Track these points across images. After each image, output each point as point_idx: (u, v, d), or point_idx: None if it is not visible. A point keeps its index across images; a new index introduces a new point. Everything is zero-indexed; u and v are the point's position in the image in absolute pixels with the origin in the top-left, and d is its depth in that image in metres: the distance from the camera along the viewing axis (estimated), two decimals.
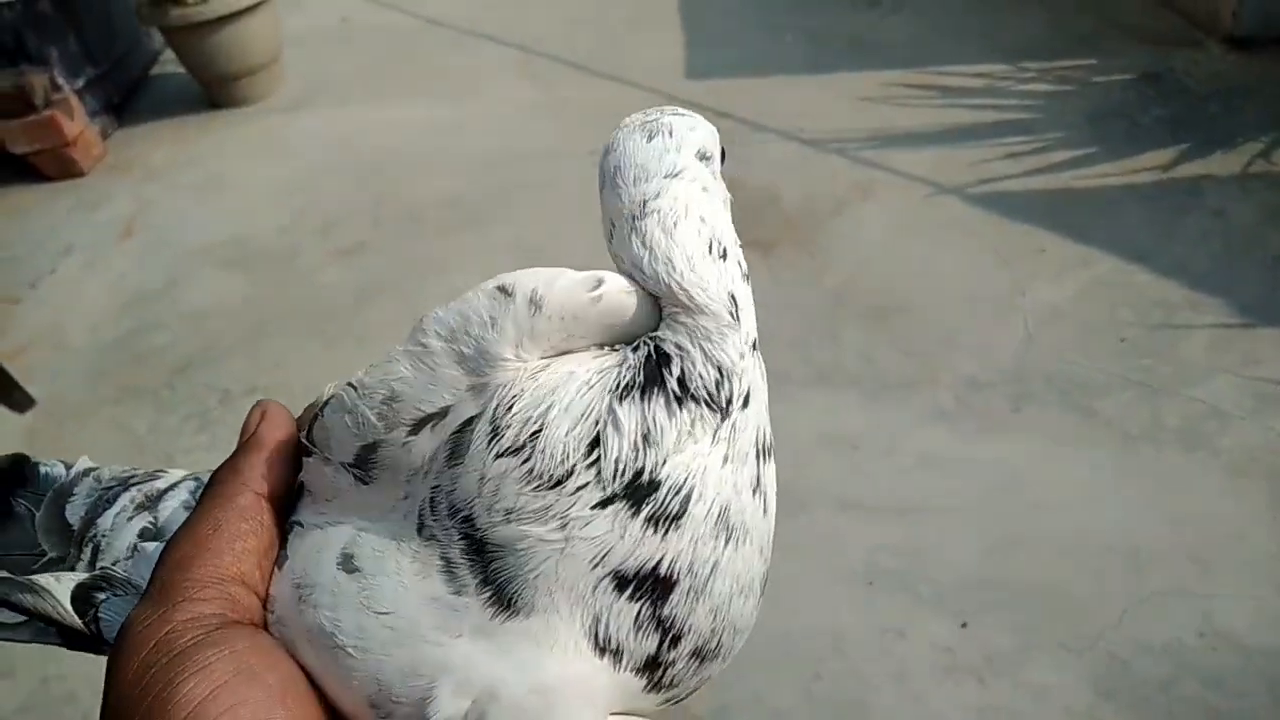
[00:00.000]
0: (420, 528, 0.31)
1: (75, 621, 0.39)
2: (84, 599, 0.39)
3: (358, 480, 0.32)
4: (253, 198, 2.81)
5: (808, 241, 2.30)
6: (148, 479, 0.45)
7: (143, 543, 0.41)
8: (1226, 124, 2.49)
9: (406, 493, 0.31)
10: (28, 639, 0.40)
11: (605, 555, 0.29)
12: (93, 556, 0.42)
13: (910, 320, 2.03)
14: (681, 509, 0.30)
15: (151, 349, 2.24)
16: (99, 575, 0.40)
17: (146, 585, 0.33)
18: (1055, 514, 1.58)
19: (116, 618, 0.38)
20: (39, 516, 0.44)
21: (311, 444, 0.34)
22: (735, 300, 0.32)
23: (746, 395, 0.32)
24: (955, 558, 1.53)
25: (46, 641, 0.40)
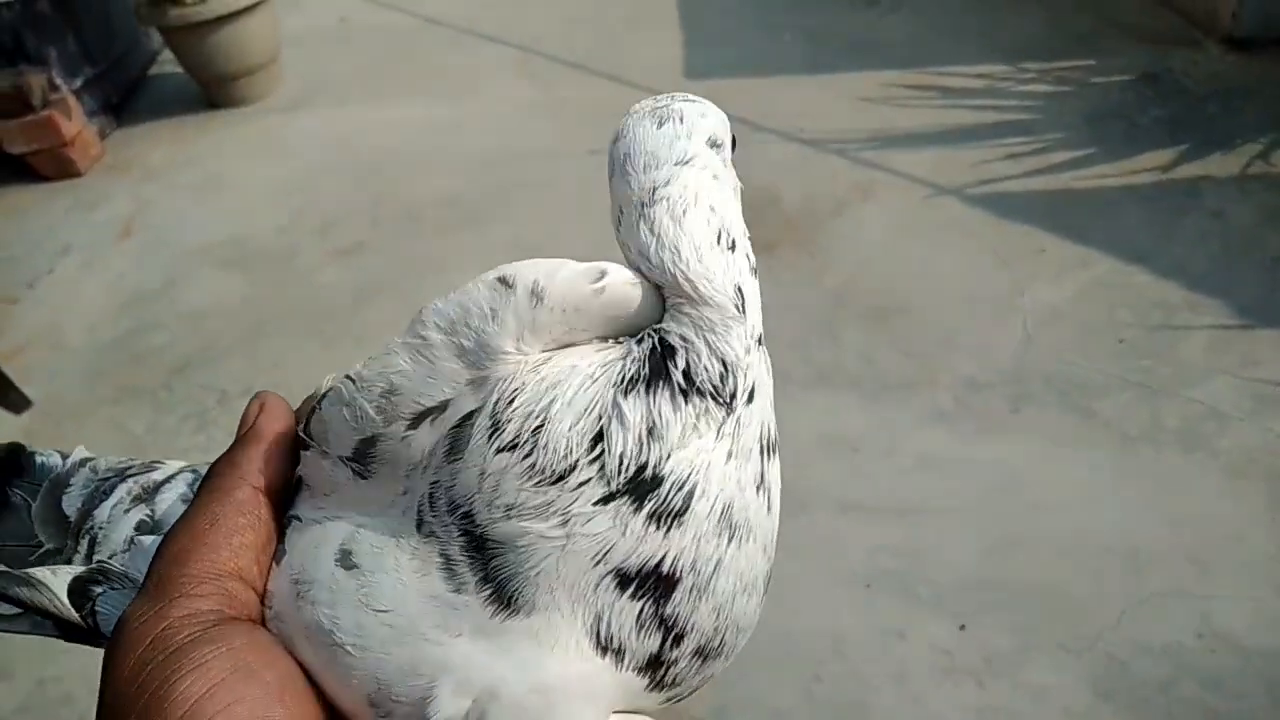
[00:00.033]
0: (419, 524, 0.30)
1: (72, 615, 0.38)
2: (80, 592, 0.39)
3: (356, 475, 0.32)
4: (251, 198, 2.81)
5: (807, 242, 2.30)
6: (144, 470, 0.44)
7: (139, 536, 0.41)
8: (1225, 125, 2.49)
9: (405, 488, 0.31)
10: (25, 630, 0.40)
11: (607, 552, 0.29)
12: (89, 549, 0.41)
13: (910, 321, 2.03)
14: (684, 505, 0.29)
15: (149, 349, 2.24)
16: (95, 568, 0.40)
17: (143, 580, 0.32)
18: (1054, 515, 1.58)
19: (113, 611, 0.38)
20: (35, 507, 0.43)
21: (309, 437, 0.33)
22: (742, 293, 0.31)
23: (751, 390, 0.31)
24: (954, 559, 1.53)
25: (44, 634, 0.40)
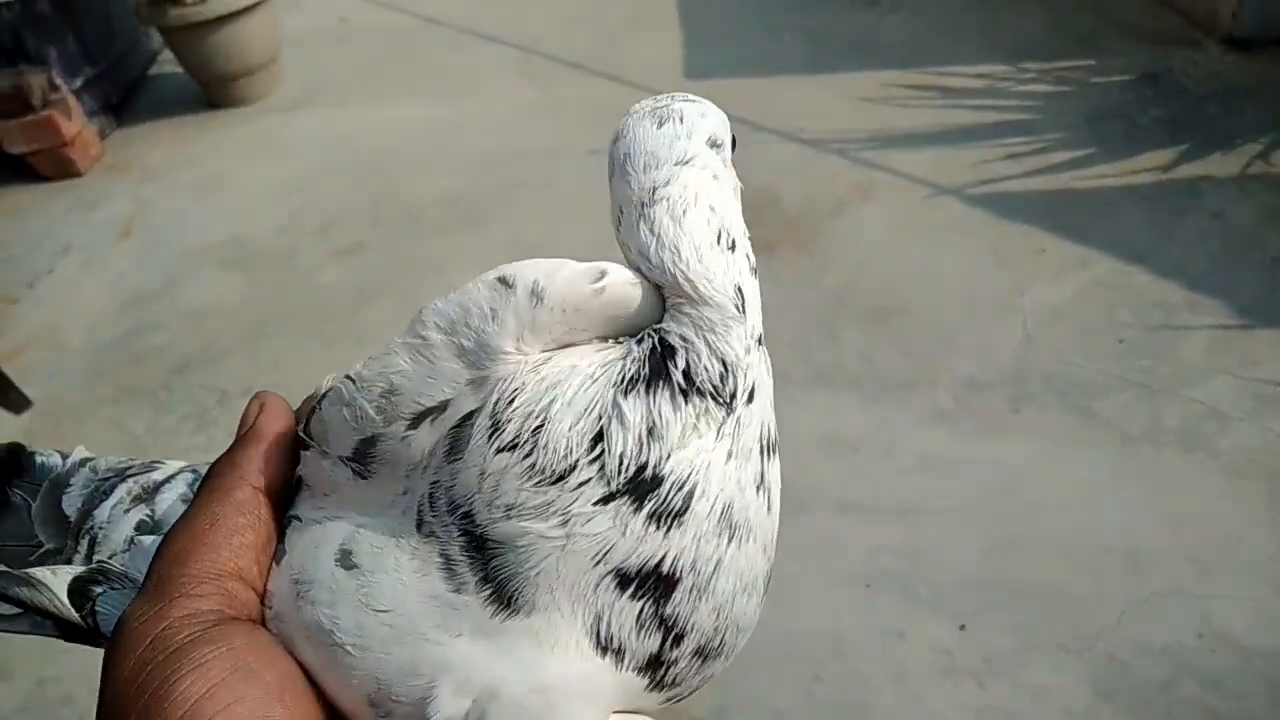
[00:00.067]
0: (419, 524, 0.30)
1: (72, 615, 0.38)
2: (81, 592, 0.39)
3: (356, 475, 0.32)
4: (251, 198, 2.81)
5: (807, 242, 2.30)
6: (144, 470, 0.44)
7: (139, 536, 0.41)
8: (1225, 125, 2.49)
9: (405, 488, 0.31)
10: (25, 630, 0.40)
11: (607, 552, 0.29)
12: (89, 549, 0.41)
13: (910, 321, 2.03)
14: (684, 505, 0.29)
15: (149, 349, 2.24)
16: (95, 568, 0.40)
17: (143, 580, 0.32)
18: (1054, 515, 1.58)
19: (113, 611, 0.38)
20: (35, 507, 0.43)
21: (309, 437, 0.33)
22: (741, 293, 0.31)
23: (751, 390, 0.31)
24: (955, 559, 1.53)
25: (44, 633, 0.40)
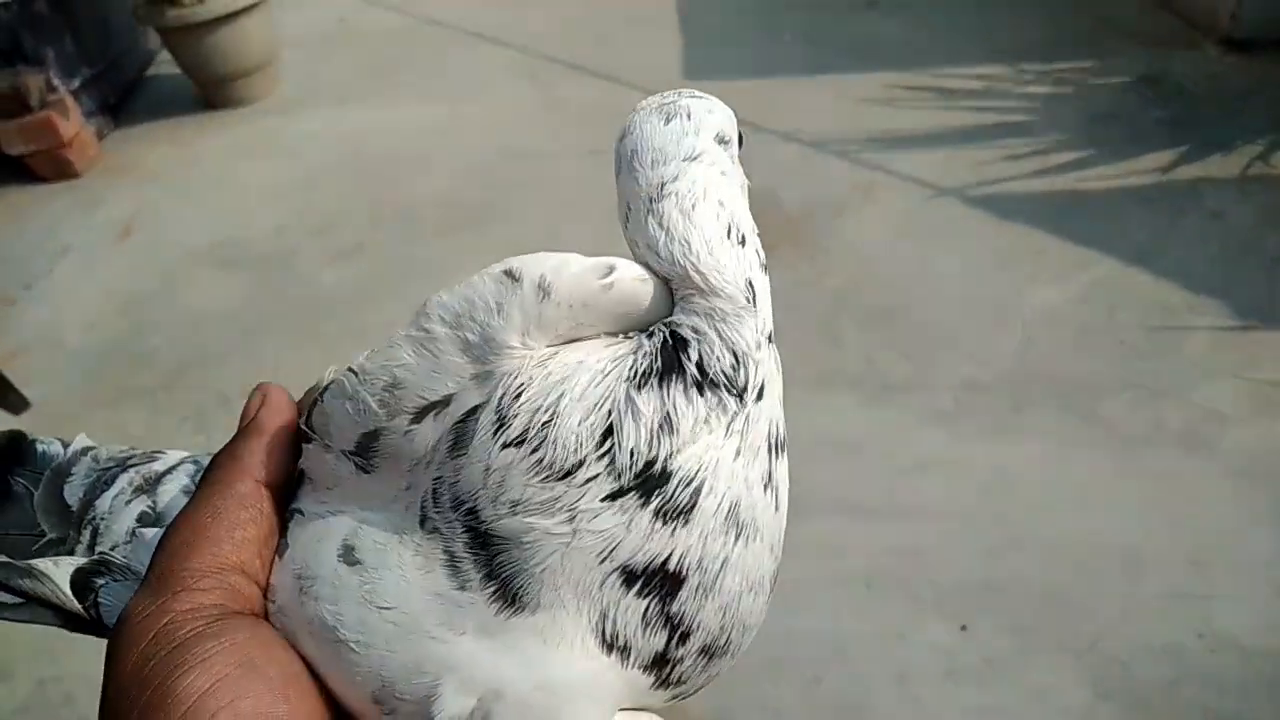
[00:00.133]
0: (423, 520, 0.30)
1: (75, 606, 0.38)
2: (83, 584, 0.39)
3: (359, 469, 0.32)
4: (250, 199, 2.80)
5: (808, 243, 2.30)
6: (146, 460, 0.44)
7: (141, 528, 0.41)
8: (1225, 126, 2.49)
9: (409, 483, 0.31)
10: (27, 619, 0.40)
11: (613, 549, 0.29)
12: (92, 539, 0.41)
13: (910, 322, 2.03)
14: (691, 502, 0.29)
15: (148, 350, 2.23)
16: (97, 560, 0.40)
17: (145, 574, 0.32)
18: (1055, 516, 1.58)
19: (116, 603, 0.38)
20: (37, 496, 0.43)
21: (311, 430, 0.33)
22: (753, 287, 0.31)
23: (761, 387, 0.31)
24: (955, 560, 1.53)
25: (46, 623, 0.40)
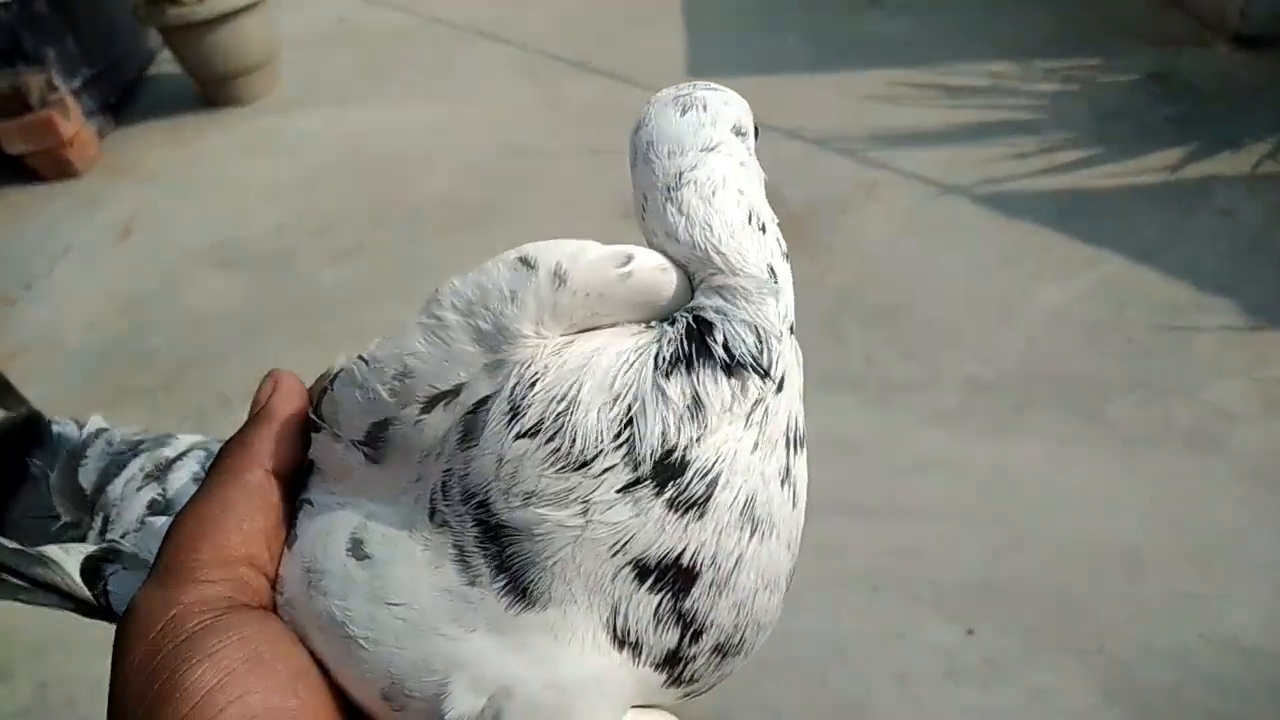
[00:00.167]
0: (432, 513, 0.29)
1: (85, 594, 0.39)
2: (93, 571, 0.39)
3: (368, 459, 0.31)
4: (250, 198, 2.80)
5: (812, 241, 2.28)
6: (156, 445, 0.44)
7: (150, 516, 0.41)
8: (1234, 124, 2.47)
9: (419, 475, 0.30)
10: (42, 603, 0.40)
11: (626, 542, 0.28)
12: (103, 526, 0.42)
13: (915, 320, 2.01)
14: (706, 494, 0.28)
15: (148, 350, 2.23)
16: (107, 548, 0.40)
17: (153, 564, 0.32)
18: (1059, 516, 1.56)
19: (125, 591, 0.38)
20: (53, 478, 0.43)
21: (321, 419, 0.32)
22: (774, 273, 0.30)
23: (781, 378, 0.30)
24: (958, 560, 1.51)
25: (63, 607, 0.40)
